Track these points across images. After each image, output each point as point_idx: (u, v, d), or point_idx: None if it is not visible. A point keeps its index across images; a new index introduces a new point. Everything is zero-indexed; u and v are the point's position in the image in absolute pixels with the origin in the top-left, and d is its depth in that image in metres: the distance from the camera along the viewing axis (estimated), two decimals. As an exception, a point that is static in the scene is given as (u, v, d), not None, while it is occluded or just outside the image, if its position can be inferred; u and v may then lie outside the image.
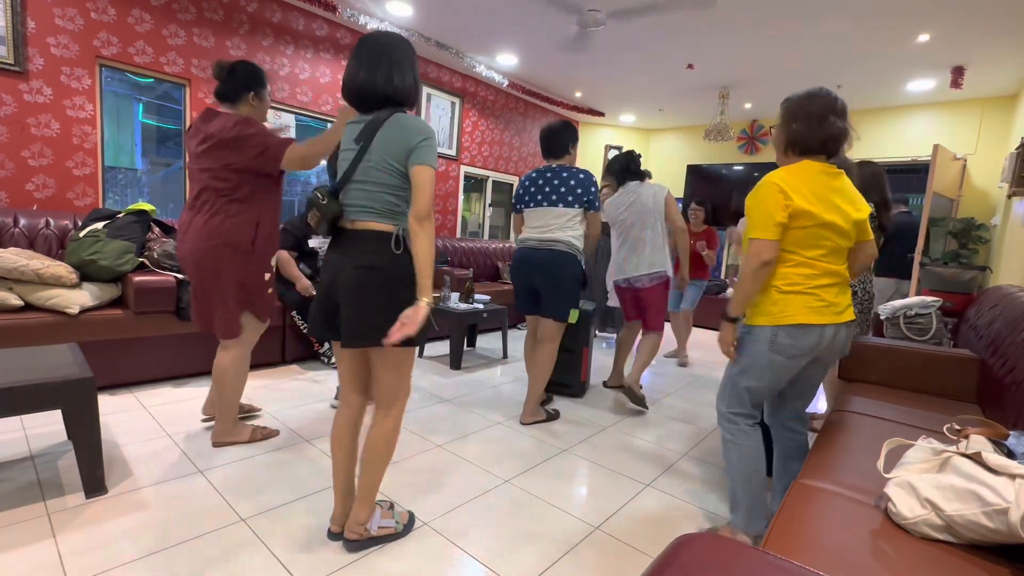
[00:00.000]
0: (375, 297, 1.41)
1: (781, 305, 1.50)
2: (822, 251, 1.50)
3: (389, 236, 1.43)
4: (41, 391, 1.59)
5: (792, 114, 1.54)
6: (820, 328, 1.50)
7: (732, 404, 1.66)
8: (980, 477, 1.00)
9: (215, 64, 1.96)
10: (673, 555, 0.77)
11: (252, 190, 1.96)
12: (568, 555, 1.60)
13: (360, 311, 1.41)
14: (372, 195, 1.43)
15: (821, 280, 1.50)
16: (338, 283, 1.44)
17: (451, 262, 5.10)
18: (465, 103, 5.88)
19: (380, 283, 1.41)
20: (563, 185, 2.47)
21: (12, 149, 3.03)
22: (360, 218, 1.44)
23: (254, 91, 2.00)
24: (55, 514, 1.61)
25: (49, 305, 2.44)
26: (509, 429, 2.59)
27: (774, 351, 1.53)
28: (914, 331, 2.89)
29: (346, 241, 1.46)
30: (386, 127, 1.41)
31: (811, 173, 1.49)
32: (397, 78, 1.44)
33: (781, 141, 1.59)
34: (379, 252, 1.42)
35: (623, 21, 4.08)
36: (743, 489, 1.63)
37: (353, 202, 1.45)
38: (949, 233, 4.94)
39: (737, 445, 1.64)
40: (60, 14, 3.11)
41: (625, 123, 7.56)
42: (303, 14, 4.31)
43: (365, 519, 1.55)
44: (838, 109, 1.49)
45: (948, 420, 1.33)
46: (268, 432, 2.25)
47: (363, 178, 1.43)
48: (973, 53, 4.19)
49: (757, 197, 1.50)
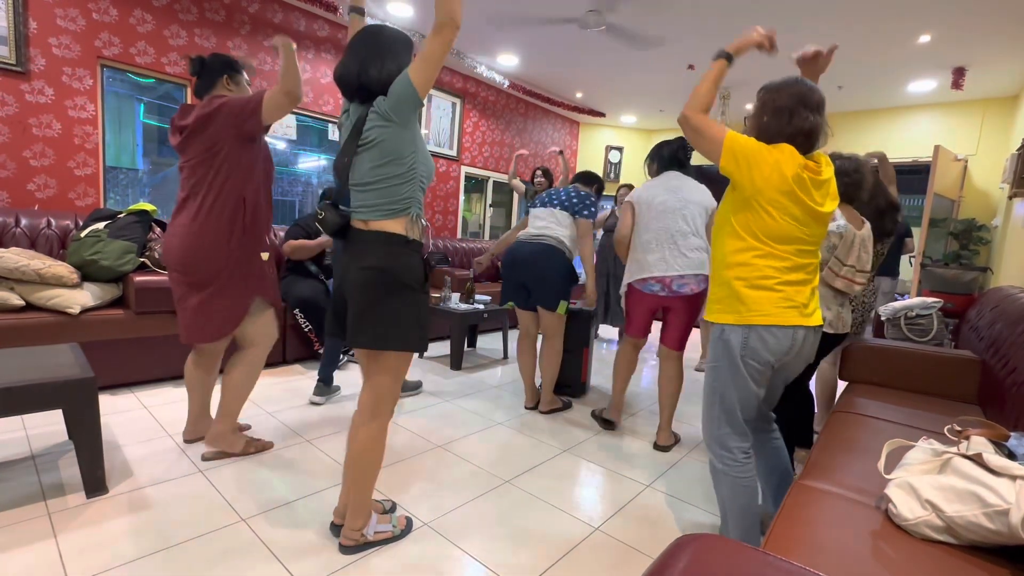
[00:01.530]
0: (380, 300, 1.40)
1: (749, 303, 1.38)
2: (796, 245, 1.38)
3: (396, 237, 1.43)
4: (42, 391, 1.59)
5: (764, 104, 1.42)
6: (792, 330, 1.38)
7: (723, 423, 1.49)
8: (981, 478, 1.00)
9: (188, 59, 1.92)
10: (673, 556, 0.76)
11: (231, 167, 1.85)
12: (568, 556, 1.60)
13: (364, 313, 1.41)
14: (374, 194, 1.42)
15: (789, 275, 1.37)
16: (346, 283, 1.46)
17: (452, 262, 5.10)
18: (466, 104, 5.89)
19: (385, 285, 1.40)
20: (567, 197, 2.79)
21: (14, 149, 3.03)
22: (367, 217, 1.44)
23: (227, 74, 1.94)
24: (56, 514, 1.61)
25: (50, 305, 2.44)
26: (509, 429, 2.59)
27: (745, 355, 1.40)
28: (915, 332, 2.89)
29: (354, 241, 1.47)
30: (372, 109, 1.40)
31: (785, 155, 1.36)
32: (374, 69, 1.39)
33: (753, 129, 1.46)
34: (386, 253, 1.41)
35: (623, 22, 4.08)
36: (736, 524, 1.49)
37: (358, 203, 1.46)
38: (950, 234, 4.94)
39: (730, 477, 1.48)
40: (62, 15, 3.12)
41: (626, 123, 7.56)
42: (304, 15, 4.31)
43: (361, 526, 1.54)
44: (811, 102, 1.37)
45: (949, 421, 1.33)
46: (262, 445, 2.15)
47: (360, 180, 1.43)
48: (974, 54, 4.19)
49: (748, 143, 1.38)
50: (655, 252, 2.31)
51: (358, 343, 1.42)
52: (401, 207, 1.43)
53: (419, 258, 1.48)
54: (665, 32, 4.24)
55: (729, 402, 1.47)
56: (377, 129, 1.39)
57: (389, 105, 1.37)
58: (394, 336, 1.41)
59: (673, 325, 2.42)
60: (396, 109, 1.37)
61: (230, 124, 1.80)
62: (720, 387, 1.48)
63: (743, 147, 1.37)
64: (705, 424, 1.55)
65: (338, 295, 1.51)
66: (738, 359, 1.41)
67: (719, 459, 1.51)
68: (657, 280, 2.33)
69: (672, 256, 2.28)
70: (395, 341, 1.42)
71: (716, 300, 1.47)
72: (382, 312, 1.40)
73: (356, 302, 1.42)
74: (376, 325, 1.40)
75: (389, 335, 1.41)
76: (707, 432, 1.54)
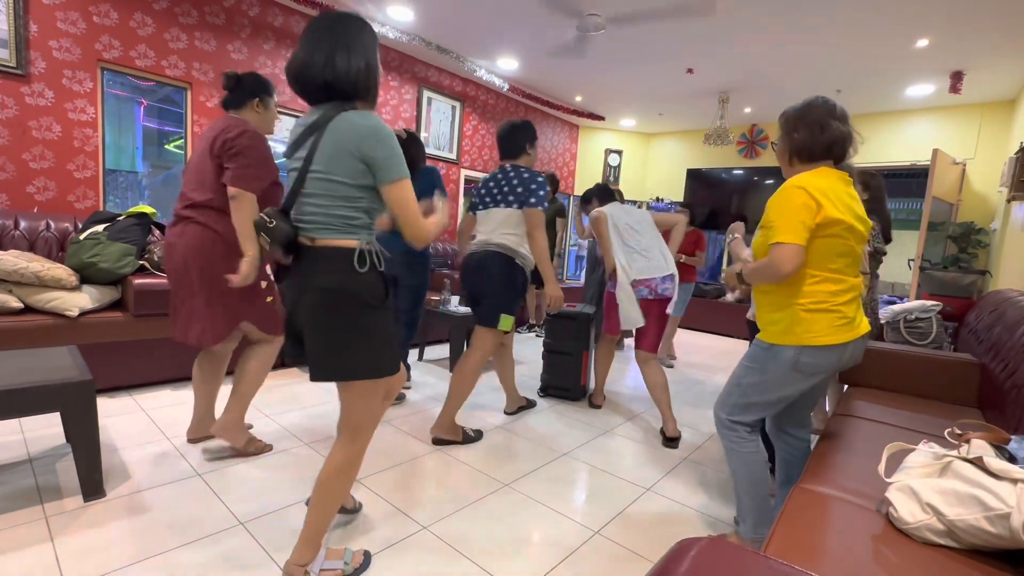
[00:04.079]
0: (338, 325, 1.25)
1: (806, 324, 1.45)
2: (846, 261, 1.45)
3: (351, 252, 1.25)
4: (40, 393, 1.59)
5: (792, 125, 1.51)
6: (842, 347, 1.46)
7: (734, 412, 1.61)
8: (982, 482, 0.99)
9: (224, 74, 1.96)
10: (674, 560, 0.76)
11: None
12: (568, 560, 1.59)
13: (323, 342, 1.26)
14: (325, 208, 1.25)
15: (845, 296, 1.46)
16: (299, 308, 1.29)
17: (451, 265, 5.10)
18: (466, 107, 5.90)
19: (343, 308, 1.24)
20: (507, 185, 2.34)
21: (13, 152, 3.03)
22: (317, 234, 1.26)
23: (259, 97, 2.00)
24: (53, 517, 1.60)
25: (49, 307, 2.44)
26: (509, 433, 2.58)
27: (796, 370, 1.48)
28: (914, 335, 2.89)
29: (305, 260, 1.28)
30: (329, 131, 1.21)
31: (831, 180, 1.44)
32: (341, 60, 1.21)
33: (785, 151, 1.55)
34: (340, 271, 1.24)
35: (623, 26, 4.10)
36: (749, 497, 1.61)
37: (307, 217, 1.27)
38: (949, 237, 4.95)
39: (737, 452, 1.61)
40: (62, 17, 3.12)
41: (625, 127, 7.58)
42: (304, 18, 4.32)
43: (308, 560, 1.35)
44: (838, 114, 1.47)
45: (949, 424, 1.33)
46: (262, 446, 2.17)
47: (312, 190, 1.25)
48: (972, 58, 4.20)
49: (784, 200, 1.41)
50: (639, 261, 2.65)
51: (321, 376, 1.28)
52: (357, 223, 1.29)
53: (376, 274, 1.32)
54: (664, 36, 4.25)
55: (749, 399, 1.58)
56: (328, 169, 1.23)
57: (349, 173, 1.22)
58: (364, 365, 1.28)
59: (649, 331, 2.66)
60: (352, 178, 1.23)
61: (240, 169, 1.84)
62: (748, 384, 1.58)
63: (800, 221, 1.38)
64: (719, 406, 1.67)
65: (290, 323, 1.36)
66: (788, 373, 1.50)
67: (727, 438, 1.63)
68: (645, 284, 2.62)
69: (655, 264, 2.64)
70: (365, 370, 1.29)
71: (774, 323, 1.52)
72: (343, 341, 1.26)
73: (314, 330, 1.27)
74: (337, 356, 1.26)
75: (352, 365, 1.28)
76: (718, 411, 1.66)
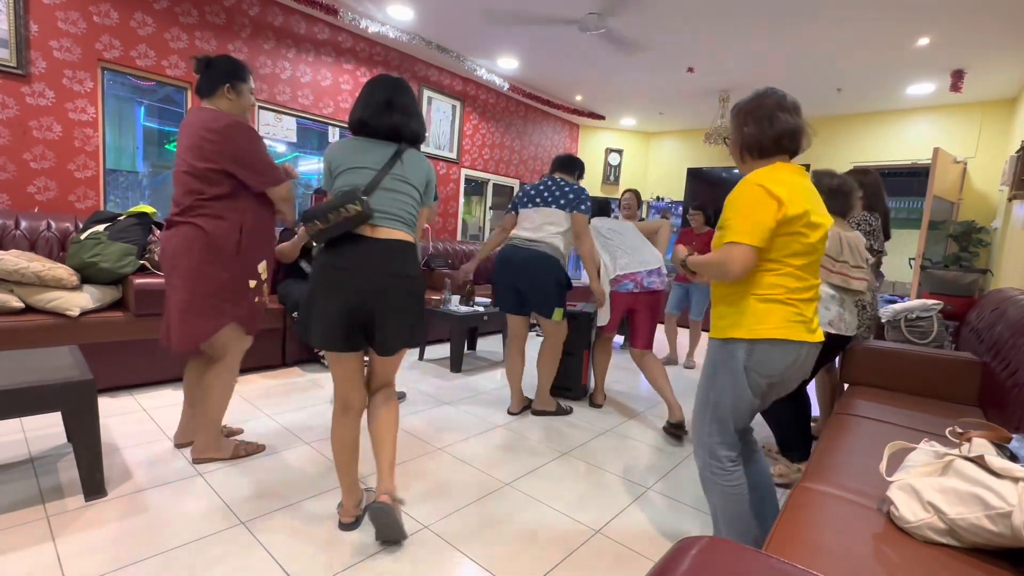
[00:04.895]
0: (416, 305, 1.57)
1: (759, 315, 1.36)
2: (809, 259, 1.38)
3: (414, 247, 1.58)
4: (41, 393, 1.59)
5: (742, 119, 1.46)
6: (797, 346, 1.37)
7: (714, 432, 1.48)
8: (983, 480, 0.99)
9: (193, 58, 1.87)
10: (674, 559, 0.76)
11: (234, 189, 1.83)
12: (569, 559, 1.59)
13: (407, 320, 1.55)
14: (401, 204, 1.54)
15: (805, 294, 1.39)
16: (369, 291, 1.48)
17: (452, 264, 5.10)
18: (466, 106, 5.90)
19: (418, 291, 1.57)
20: (559, 191, 2.67)
21: (14, 151, 3.04)
22: (387, 225, 1.52)
23: (228, 83, 1.86)
24: (54, 517, 1.61)
25: (50, 307, 2.44)
26: (510, 432, 2.59)
27: (749, 366, 1.39)
28: (915, 334, 2.88)
29: (373, 249, 1.49)
30: (409, 153, 1.60)
31: (788, 174, 1.37)
32: (416, 123, 1.63)
33: (736, 146, 1.51)
34: (412, 261, 1.55)
35: (623, 25, 4.09)
36: (728, 531, 1.49)
37: (380, 208, 1.51)
38: (950, 236, 4.94)
39: (719, 486, 1.48)
40: (63, 17, 3.13)
41: (626, 126, 7.58)
42: (304, 17, 4.32)
43: (395, 487, 1.68)
44: (788, 106, 1.41)
45: (950, 423, 1.33)
46: (252, 448, 2.13)
47: (392, 187, 1.53)
48: (973, 57, 4.20)
49: (742, 198, 1.35)
50: (623, 258, 2.86)
51: (399, 348, 1.59)
52: (415, 222, 1.64)
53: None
54: (665, 35, 4.25)
55: (723, 411, 1.46)
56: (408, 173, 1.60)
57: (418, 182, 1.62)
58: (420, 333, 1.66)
59: (641, 327, 2.82)
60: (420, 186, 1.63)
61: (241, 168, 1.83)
62: (716, 396, 1.46)
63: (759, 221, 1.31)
64: (695, 431, 1.54)
65: (355, 307, 1.49)
66: (741, 371, 1.40)
67: (707, 467, 1.50)
68: (630, 278, 2.79)
69: (640, 259, 2.85)
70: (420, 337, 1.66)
71: (724, 316, 1.45)
72: (418, 317, 1.60)
73: (395, 310, 1.52)
74: (414, 330, 1.59)
75: (418, 337, 1.65)
76: (697, 440, 1.54)
